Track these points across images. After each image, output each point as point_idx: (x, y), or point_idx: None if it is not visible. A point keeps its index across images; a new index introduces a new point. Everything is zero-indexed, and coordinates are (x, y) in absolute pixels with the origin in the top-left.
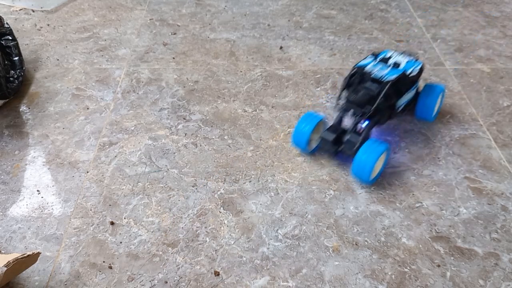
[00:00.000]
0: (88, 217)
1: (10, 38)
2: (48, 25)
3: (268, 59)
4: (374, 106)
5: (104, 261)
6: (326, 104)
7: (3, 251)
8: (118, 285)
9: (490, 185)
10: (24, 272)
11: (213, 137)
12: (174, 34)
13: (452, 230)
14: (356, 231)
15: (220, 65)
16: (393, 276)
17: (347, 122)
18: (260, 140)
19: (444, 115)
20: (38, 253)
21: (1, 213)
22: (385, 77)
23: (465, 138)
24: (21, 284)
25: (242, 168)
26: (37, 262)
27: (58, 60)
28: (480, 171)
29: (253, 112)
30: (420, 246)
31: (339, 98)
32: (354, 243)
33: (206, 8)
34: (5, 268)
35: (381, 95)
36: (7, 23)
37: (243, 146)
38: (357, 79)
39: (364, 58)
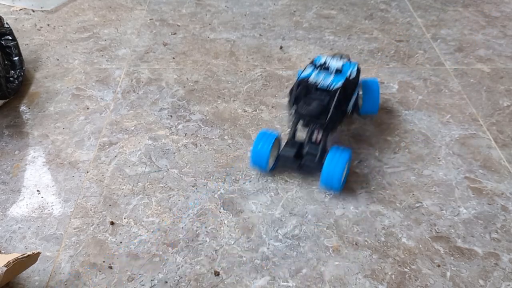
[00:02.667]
0: (88, 217)
1: (10, 38)
2: (48, 25)
3: (268, 59)
4: (328, 116)
5: (104, 261)
6: None
7: (3, 251)
8: (118, 285)
9: (490, 185)
10: (24, 272)
11: (213, 137)
12: (174, 34)
13: (452, 230)
14: (356, 231)
15: (220, 65)
16: (393, 276)
17: (303, 135)
18: None
19: (444, 115)
20: (38, 253)
21: (1, 213)
22: (332, 86)
23: (465, 138)
24: (21, 284)
25: (242, 168)
26: (37, 262)
27: (58, 60)
28: (480, 171)
29: (253, 112)
30: (420, 246)
31: (290, 112)
32: (354, 243)
33: (206, 8)
34: (5, 268)
35: (333, 104)
36: (7, 23)
37: (243, 146)
38: (303, 91)
39: (305, 68)
